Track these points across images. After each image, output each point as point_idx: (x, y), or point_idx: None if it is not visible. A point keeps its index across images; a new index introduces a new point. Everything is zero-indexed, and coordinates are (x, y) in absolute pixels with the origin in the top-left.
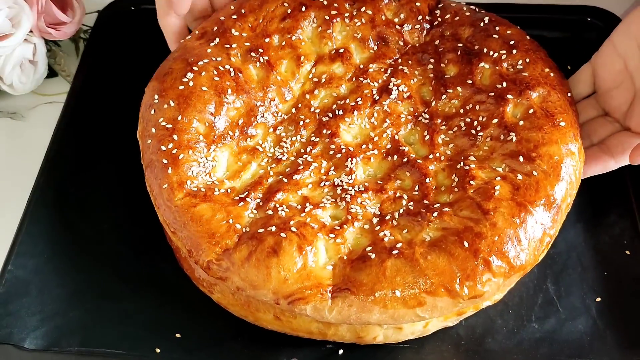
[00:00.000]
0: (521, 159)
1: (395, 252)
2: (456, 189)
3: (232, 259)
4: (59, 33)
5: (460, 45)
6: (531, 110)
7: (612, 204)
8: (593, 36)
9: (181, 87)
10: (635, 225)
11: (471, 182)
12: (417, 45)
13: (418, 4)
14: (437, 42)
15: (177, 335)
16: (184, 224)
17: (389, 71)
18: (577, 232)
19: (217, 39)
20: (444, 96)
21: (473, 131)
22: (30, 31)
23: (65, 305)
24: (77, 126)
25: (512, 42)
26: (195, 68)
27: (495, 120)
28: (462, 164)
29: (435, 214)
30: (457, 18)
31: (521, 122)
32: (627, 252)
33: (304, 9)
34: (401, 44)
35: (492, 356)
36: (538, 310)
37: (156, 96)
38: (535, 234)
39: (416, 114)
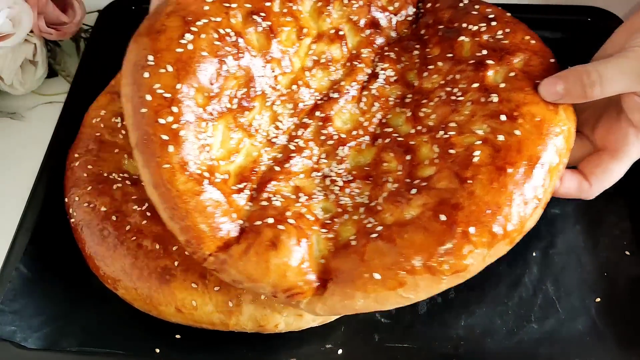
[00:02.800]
0: (503, 118)
1: (374, 235)
2: (437, 160)
3: (230, 252)
4: (60, 33)
5: (441, 27)
6: (512, 74)
7: (611, 205)
8: (593, 36)
9: (179, 50)
10: (635, 226)
11: (450, 150)
12: (406, 36)
13: None
14: (422, 32)
15: (177, 336)
16: (186, 212)
17: (376, 58)
18: (576, 233)
19: None
20: (425, 74)
21: (453, 97)
22: (31, 31)
23: (67, 306)
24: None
25: (491, 17)
26: (193, 28)
27: (475, 85)
28: (442, 132)
29: (414, 191)
30: (438, 4)
31: (502, 85)
32: (627, 252)
33: None
34: (392, 34)
35: (491, 356)
36: (538, 310)
37: (150, 57)
38: (519, 198)
39: (403, 96)
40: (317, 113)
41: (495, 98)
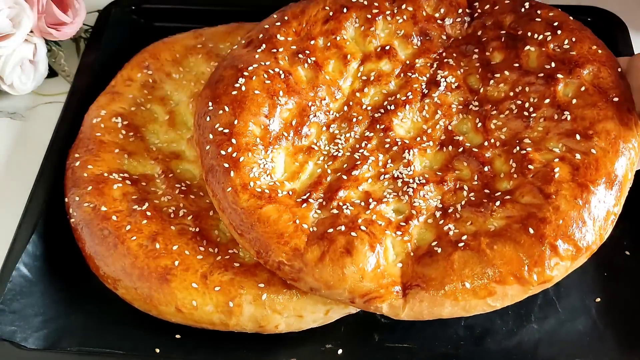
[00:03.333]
0: (578, 137)
1: (461, 244)
2: (515, 175)
3: (304, 259)
4: (60, 33)
5: (503, 32)
6: (583, 88)
7: None
8: None
9: (234, 93)
10: (635, 226)
11: (529, 166)
12: (460, 38)
13: None
14: (479, 33)
15: (177, 336)
16: (251, 225)
17: (434, 65)
18: None
19: (264, 45)
20: (491, 81)
21: (525, 113)
22: (31, 31)
23: (67, 306)
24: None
25: (555, 24)
26: (245, 73)
27: (547, 101)
28: (517, 148)
29: (497, 203)
30: (497, 7)
31: (574, 101)
32: (627, 252)
33: (345, 10)
34: (444, 38)
35: (491, 357)
36: (538, 310)
37: (210, 103)
38: (599, 214)
39: (466, 103)
40: (378, 126)
41: (568, 116)
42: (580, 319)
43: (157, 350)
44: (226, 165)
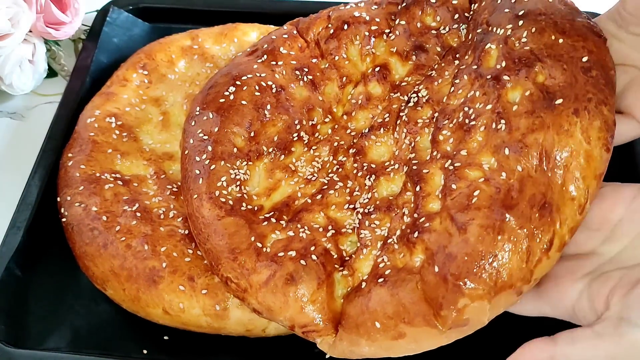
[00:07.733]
0: (507, 151)
1: (380, 280)
2: (440, 195)
3: (250, 280)
4: (59, 33)
5: (479, 31)
6: (527, 92)
7: None
8: None
9: (222, 100)
10: None
11: (453, 185)
12: (456, 45)
13: (455, 1)
14: (469, 37)
15: (165, 337)
16: (207, 235)
17: (422, 80)
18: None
19: (265, 56)
20: (452, 88)
21: (467, 120)
22: (30, 31)
23: (56, 305)
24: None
25: (521, 12)
26: (238, 82)
27: (489, 107)
28: (450, 161)
29: (416, 234)
30: (483, 4)
31: (514, 107)
32: None
33: (345, 27)
34: (439, 49)
35: (491, 356)
36: None
37: (198, 108)
38: (518, 245)
39: (433, 115)
40: (351, 150)
41: (503, 126)
42: None
43: (145, 352)
44: (197, 171)
